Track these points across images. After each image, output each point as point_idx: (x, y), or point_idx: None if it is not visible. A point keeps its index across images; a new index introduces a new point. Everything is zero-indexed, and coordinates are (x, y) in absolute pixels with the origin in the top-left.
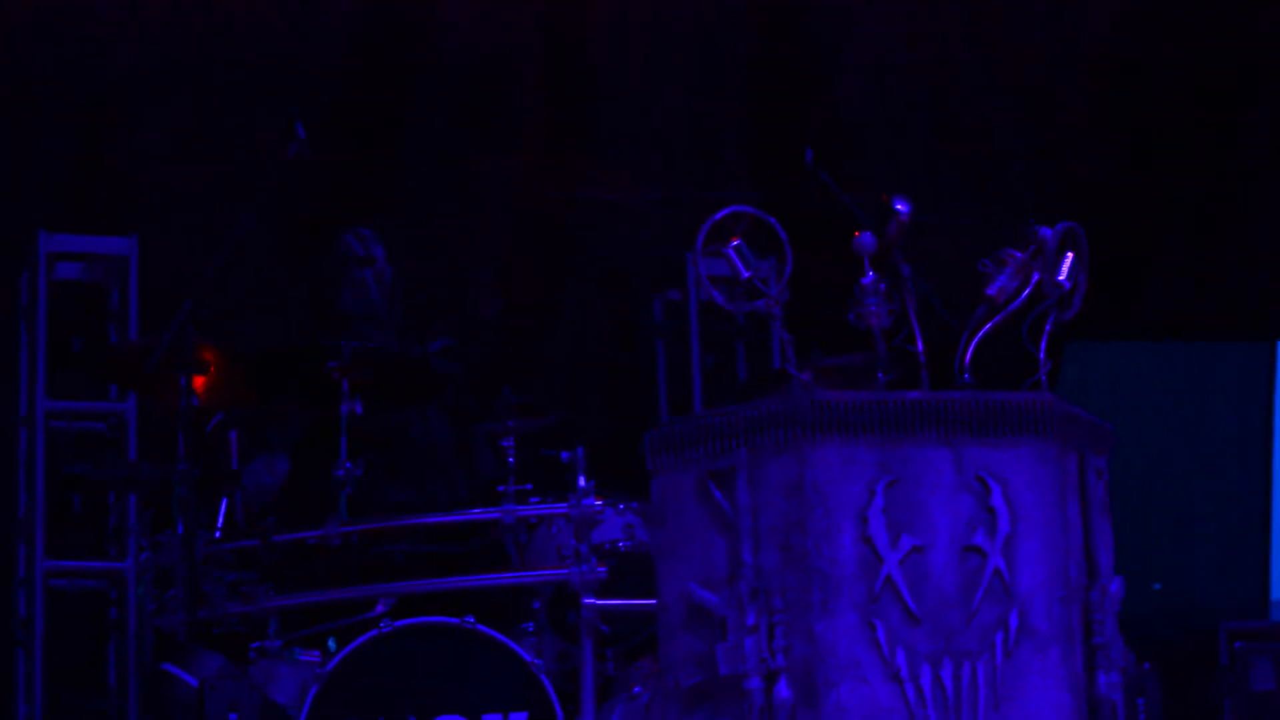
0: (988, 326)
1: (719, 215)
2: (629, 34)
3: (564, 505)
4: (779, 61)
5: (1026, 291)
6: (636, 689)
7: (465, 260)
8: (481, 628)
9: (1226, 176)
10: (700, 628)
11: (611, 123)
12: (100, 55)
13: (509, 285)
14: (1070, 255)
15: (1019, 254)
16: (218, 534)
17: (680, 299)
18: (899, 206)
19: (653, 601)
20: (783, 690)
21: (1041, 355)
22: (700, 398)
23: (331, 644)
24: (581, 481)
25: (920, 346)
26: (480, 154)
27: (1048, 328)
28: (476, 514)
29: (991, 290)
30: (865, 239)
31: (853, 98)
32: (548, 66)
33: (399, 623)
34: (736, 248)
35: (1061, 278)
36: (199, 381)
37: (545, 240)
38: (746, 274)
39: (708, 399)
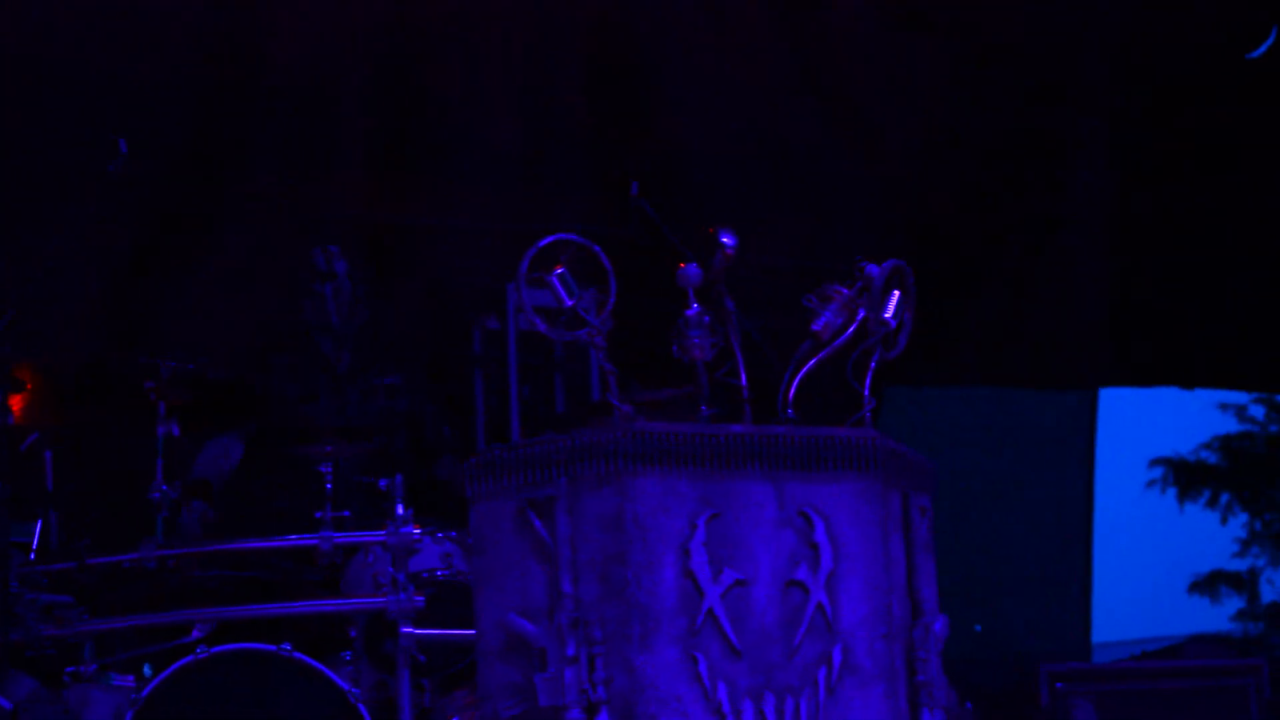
0: (812, 362)
1: (543, 243)
2: (462, 60)
3: (381, 533)
4: (611, 92)
5: (852, 328)
6: (454, 719)
7: (290, 281)
8: (299, 655)
9: (1047, 225)
10: (518, 658)
11: (440, 148)
12: None
13: None
14: (897, 293)
15: (845, 290)
16: (32, 555)
17: (499, 328)
18: (725, 239)
19: (471, 631)
20: None
21: (866, 392)
22: (518, 428)
23: (147, 669)
24: (400, 509)
25: (744, 380)
26: (312, 176)
27: (873, 365)
28: (294, 540)
29: (816, 326)
30: (690, 271)
31: (684, 133)
32: (378, 89)
33: (215, 649)
34: (560, 276)
35: (887, 315)
36: (14, 398)
37: (371, 263)
38: (570, 302)
39: (525, 430)
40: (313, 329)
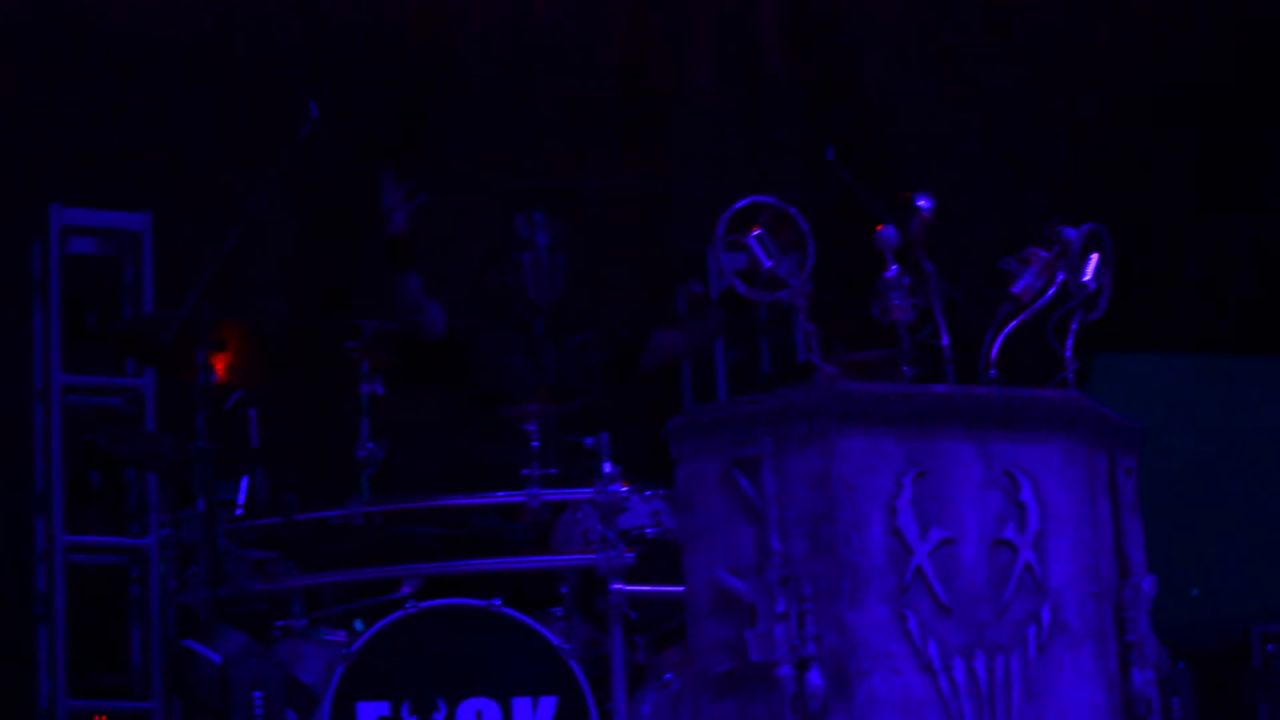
0: (1012, 324)
1: (740, 205)
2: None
3: (589, 490)
4: (814, 56)
5: (1051, 291)
6: (668, 676)
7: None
8: (509, 611)
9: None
10: (728, 615)
11: (649, 114)
12: (122, 28)
13: None
14: (1095, 256)
15: (1043, 253)
16: (239, 511)
17: (702, 291)
18: (921, 203)
19: (680, 589)
20: (815, 678)
21: (1068, 354)
22: (724, 391)
23: (358, 625)
24: (607, 467)
25: (945, 341)
26: (511, 141)
27: (1073, 327)
28: (501, 497)
29: (1016, 288)
30: (887, 233)
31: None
32: (589, 54)
33: (425, 604)
34: (758, 238)
35: (1086, 278)
36: (218, 358)
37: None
38: (768, 264)
39: (731, 394)
40: (509, 296)
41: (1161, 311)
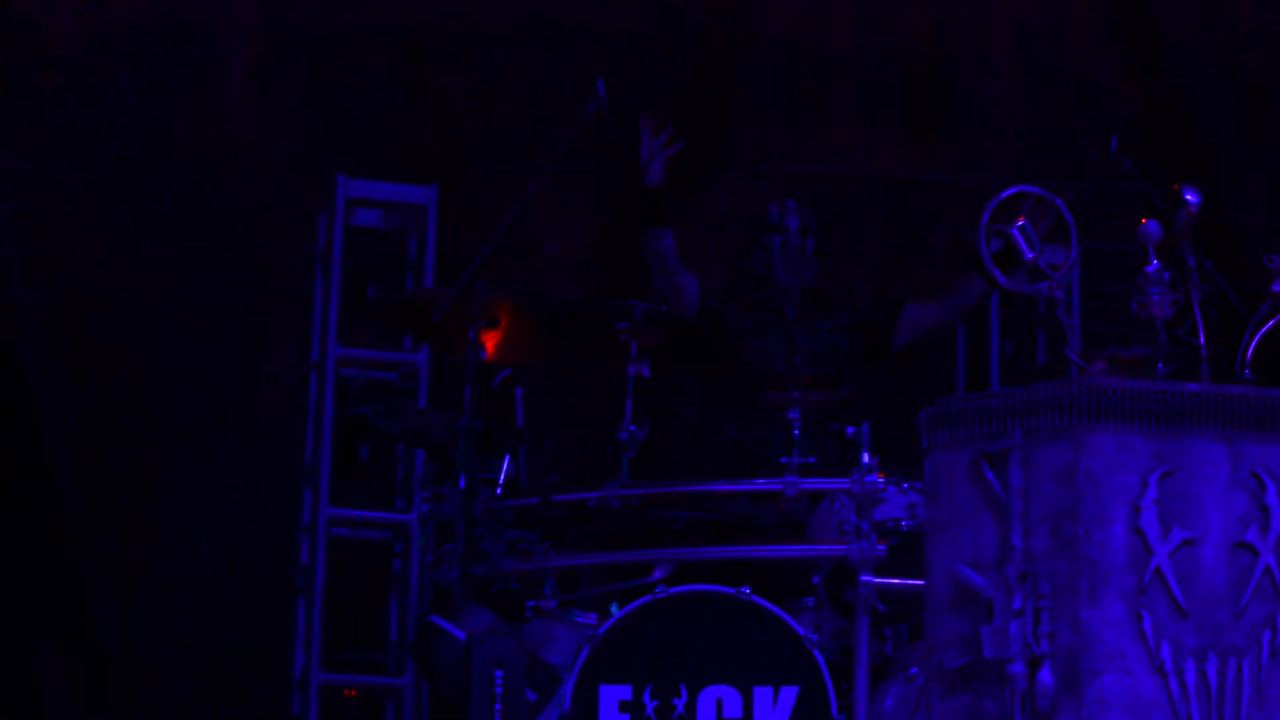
0: (1271, 323)
1: (1004, 195)
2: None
3: (846, 481)
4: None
5: None
6: (913, 670)
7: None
8: (757, 599)
9: None
10: (966, 609)
11: (931, 103)
12: (412, 4)
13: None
14: None
15: None
16: (499, 490)
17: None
18: (1189, 197)
19: None
20: (1046, 676)
21: None
22: (998, 384)
23: (614, 608)
24: (865, 458)
25: (1202, 339)
26: (811, 131)
27: None
28: (759, 484)
29: (1277, 287)
30: (1150, 227)
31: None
32: (869, 42)
33: (674, 589)
34: (1021, 228)
35: None
36: (489, 336)
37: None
38: (1030, 255)
39: (1005, 385)
40: (760, 280)
41: None
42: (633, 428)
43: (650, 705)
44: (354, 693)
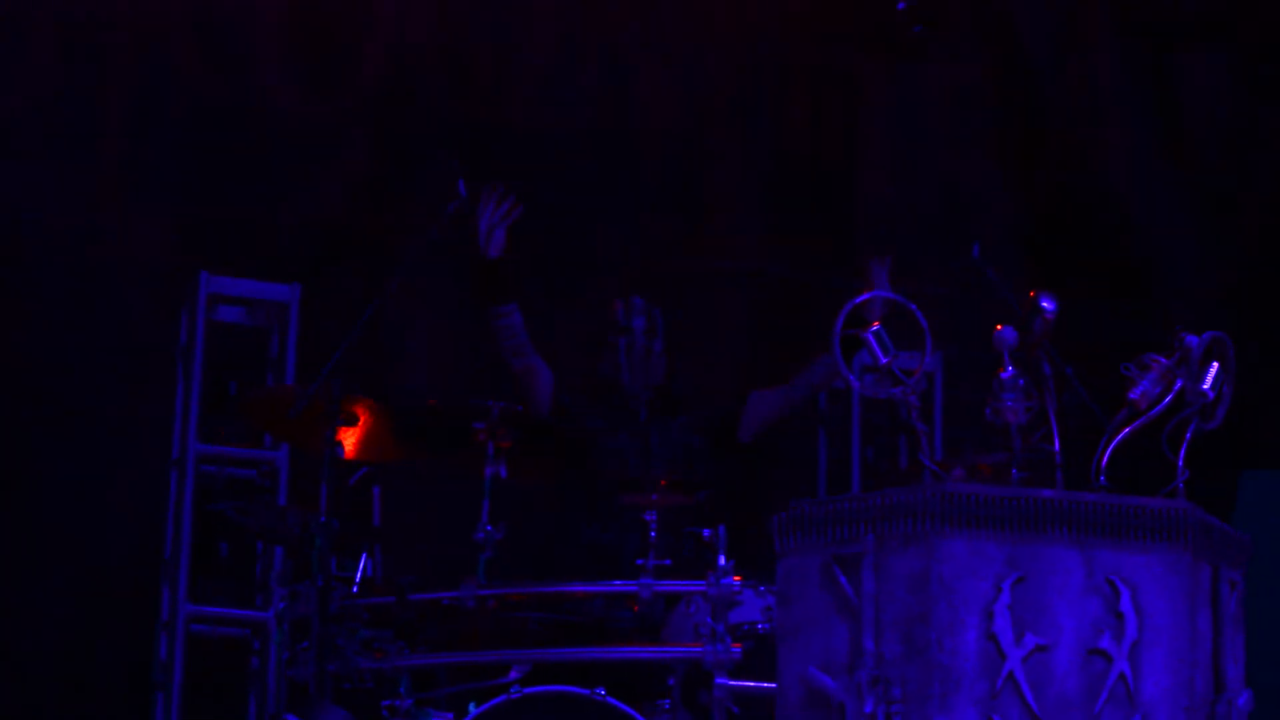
0: (1126, 431)
1: (858, 300)
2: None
3: (702, 583)
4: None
5: (1169, 398)
6: None
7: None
8: (612, 701)
9: None
10: (818, 712)
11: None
12: (273, 104)
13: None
14: (1216, 365)
15: (1164, 360)
16: (355, 589)
17: (844, 387)
18: (1045, 304)
19: None
20: None
21: (1180, 463)
22: (859, 488)
23: (471, 707)
24: (721, 560)
25: (1057, 446)
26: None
27: (1188, 436)
28: (615, 586)
29: (1134, 394)
30: (1005, 333)
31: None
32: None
33: (530, 689)
34: (875, 333)
35: (1205, 386)
36: (347, 433)
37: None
38: (884, 360)
39: (866, 490)
40: (608, 381)
41: None
42: (489, 528)
43: None
44: None
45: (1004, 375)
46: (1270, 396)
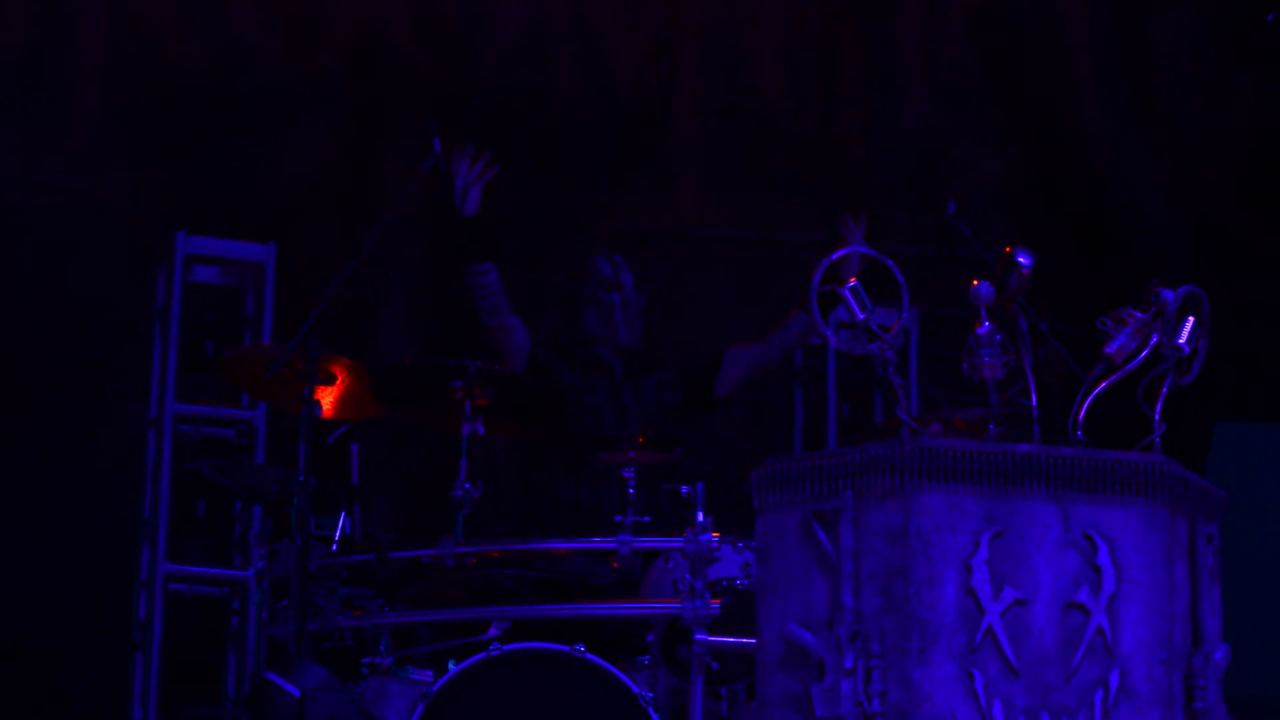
0: (1103, 385)
1: (836, 255)
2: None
3: (680, 540)
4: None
5: (1145, 353)
6: None
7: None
8: (592, 657)
9: None
10: (797, 668)
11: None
12: (249, 64)
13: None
14: (1191, 319)
15: (1140, 314)
16: (334, 547)
17: (820, 343)
18: (1021, 259)
19: None
20: None
21: (1156, 418)
22: (835, 443)
23: (451, 664)
24: (699, 517)
25: (1034, 401)
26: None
27: (1164, 390)
28: (594, 543)
29: (1110, 349)
30: (981, 289)
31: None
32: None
33: (509, 646)
34: (852, 289)
35: (1181, 341)
36: (325, 392)
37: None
38: (861, 316)
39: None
40: (588, 339)
41: None
42: (467, 485)
43: None
44: None
45: (980, 331)
46: (1244, 348)
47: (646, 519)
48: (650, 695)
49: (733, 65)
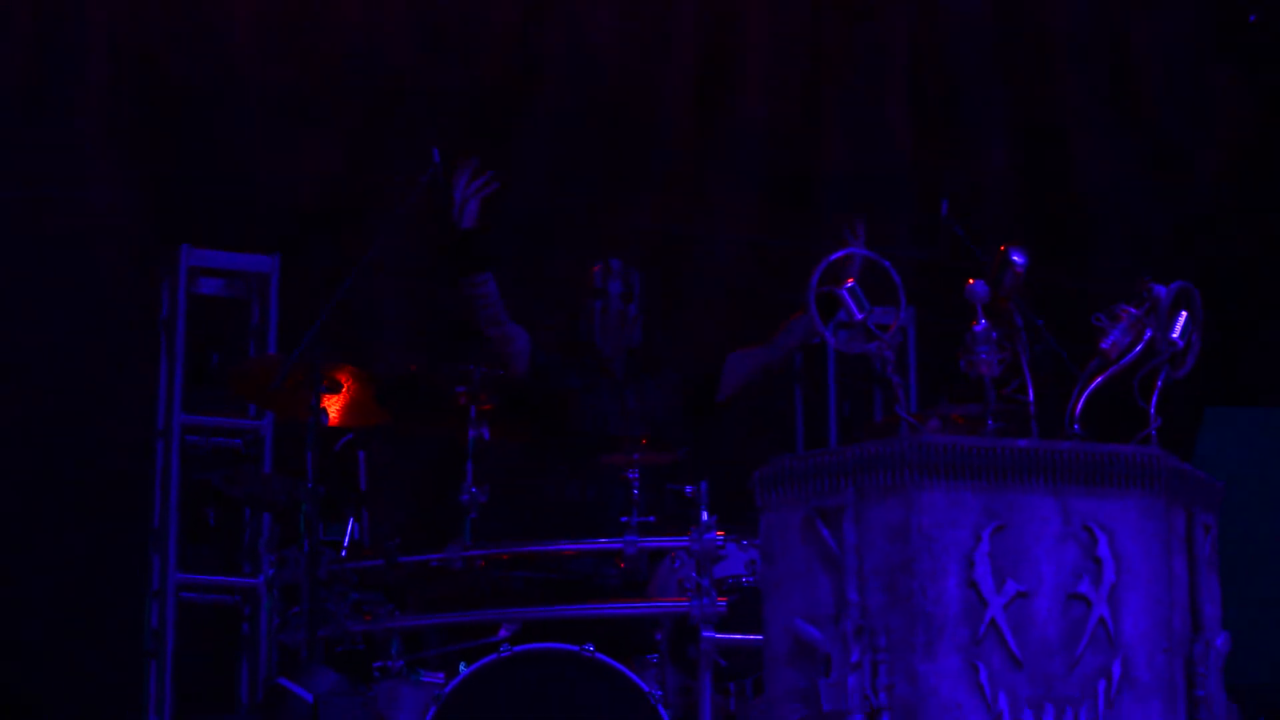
0: (1099, 380)
1: (834, 256)
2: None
3: (686, 539)
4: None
5: (1139, 348)
6: None
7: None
8: (601, 657)
9: None
10: (804, 663)
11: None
12: (251, 77)
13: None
14: (1184, 314)
15: (1133, 310)
16: (343, 553)
17: (818, 343)
18: (1015, 258)
19: None
20: None
21: (1152, 411)
22: (835, 443)
23: (462, 667)
24: (704, 516)
25: (1031, 397)
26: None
27: (1159, 384)
28: (600, 544)
29: (1104, 344)
30: (977, 287)
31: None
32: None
33: (519, 647)
34: (850, 289)
35: (1174, 335)
36: (330, 401)
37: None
38: (859, 316)
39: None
40: (584, 342)
41: (1274, 364)
42: (474, 490)
43: None
44: None
45: (976, 328)
46: (1234, 334)
47: (652, 519)
48: (660, 693)
49: (725, 67)
